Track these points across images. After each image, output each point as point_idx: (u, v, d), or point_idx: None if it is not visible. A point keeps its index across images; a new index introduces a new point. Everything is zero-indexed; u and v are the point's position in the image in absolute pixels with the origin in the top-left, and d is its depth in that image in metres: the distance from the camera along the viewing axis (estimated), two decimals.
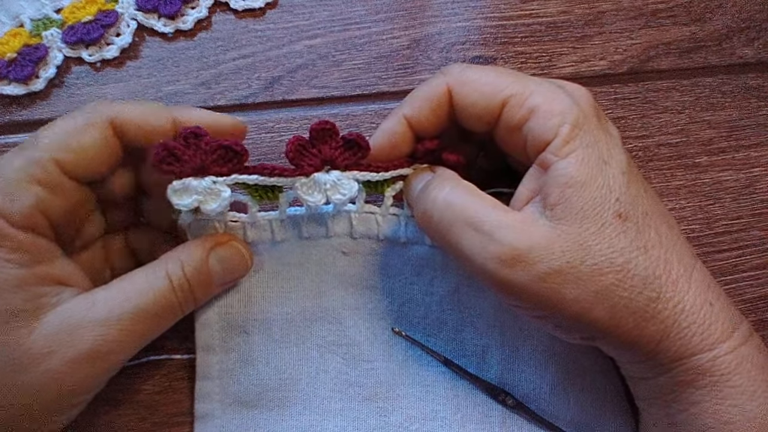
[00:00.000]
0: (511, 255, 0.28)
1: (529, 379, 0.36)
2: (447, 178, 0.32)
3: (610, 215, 0.29)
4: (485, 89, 0.32)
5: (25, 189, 0.29)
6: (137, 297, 0.30)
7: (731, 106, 0.45)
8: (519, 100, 0.31)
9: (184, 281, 0.31)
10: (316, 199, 0.33)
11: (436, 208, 0.31)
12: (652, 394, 0.31)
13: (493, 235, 0.29)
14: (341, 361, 0.36)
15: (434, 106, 0.33)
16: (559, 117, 0.30)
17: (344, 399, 0.36)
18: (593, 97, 0.32)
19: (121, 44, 0.43)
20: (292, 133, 0.42)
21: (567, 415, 0.36)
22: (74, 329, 0.29)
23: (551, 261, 0.28)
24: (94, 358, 0.29)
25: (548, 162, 0.30)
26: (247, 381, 0.35)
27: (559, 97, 0.31)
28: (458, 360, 0.37)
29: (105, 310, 0.30)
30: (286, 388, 0.36)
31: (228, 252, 0.33)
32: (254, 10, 0.44)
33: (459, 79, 0.32)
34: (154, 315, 0.31)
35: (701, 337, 0.29)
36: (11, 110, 0.41)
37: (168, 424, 0.36)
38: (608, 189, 0.29)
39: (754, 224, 0.42)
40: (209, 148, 0.31)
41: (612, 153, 0.30)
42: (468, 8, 0.46)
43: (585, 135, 0.30)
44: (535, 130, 0.30)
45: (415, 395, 0.36)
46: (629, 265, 0.28)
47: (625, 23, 0.46)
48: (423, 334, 0.37)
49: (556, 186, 0.29)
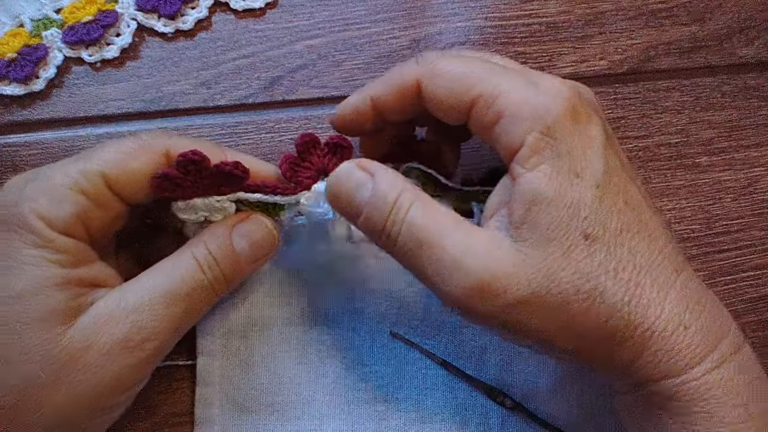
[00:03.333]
0: (476, 286, 0.27)
1: (527, 379, 0.36)
2: (405, 188, 0.29)
3: (578, 236, 0.27)
4: (454, 86, 0.30)
5: (70, 197, 0.29)
6: (166, 281, 0.30)
7: (731, 106, 0.45)
8: (487, 100, 0.29)
9: (211, 259, 0.31)
10: (323, 209, 0.33)
11: (397, 229, 0.28)
12: (628, 408, 0.31)
13: (458, 263, 0.27)
14: (340, 365, 0.36)
15: (401, 94, 0.32)
16: (528, 123, 0.28)
17: (343, 403, 0.36)
18: (576, 90, 0.29)
19: (121, 44, 0.43)
20: (292, 133, 0.42)
21: (566, 415, 0.36)
22: (108, 320, 0.29)
23: (517, 291, 0.27)
24: (131, 347, 0.29)
25: (515, 173, 0.28)
26: (246, 386, 0.35)
27: (530, 99, 0.28)
28: (457, 362, 0.37)
29: (136, 297, 0.30)
30: (286, 393, 0.36)
31: (251, 226, 0.33)
32: (254, 10, 0.44)
33: (430, 71, 0.31)
34: (185, 296, 0.30)
35: (669, 363, 0.27)
36: (11, 110, 0.41)
37: (168, 424, 0.36)
38: (577, 207, 0.27)
39: (754, 224, 0.42)
40: (208, 173, 0.31)
41: (588, 162, 0.28)
42: (468, 8, 0.46)
43: (556, 143, 0.28)
44: (502, 137, 0.29)
45: (414, 398, 0.36)
46: (596, 291, 0.27)
47: (625, 23, 0.46)
48: (421, 337, 0.37)
49: (521, 202, 0.28)
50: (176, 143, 0.31)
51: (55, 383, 0.28)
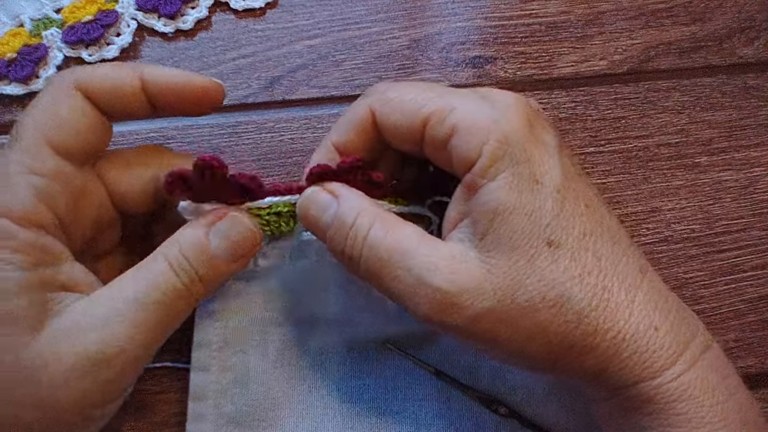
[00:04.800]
0: (441, 300, 0.27)
1: (521, 387, 0.36)
2: (363, 209, 0.29)
3: (541, 243, 0.27)
4: (405, 108, 0.30)
5: (22, 181, 0.27)
6: (136, 287, 0.28)
7: (731, 106, 0.45)
8: (440, 117, 0.29)
9: (183, 261, 0.29)
10: None
11: (358, 250, 0.28)
12: (606, 414, 0.30)
13: (422, 279, 0.27)
14: (334, 378, 0.36)
15: (359, 129, 0.31)
16: (483, 134, 0.27)
17: (337, 416, 0.36)
18: (526, 101, 0.30)
19: (121, 44, 0.43)
20: (292, 133, 0.42)
21: (560, 421, 0.36)
22: (74, 334, 0.27)
23: (483, 302, 0.27)
24: (100, 362, 0.27)
25: (475, 185, 0.28)
26: (241, 401, 0.35)
27: (483, 111, 0.28)
28: (450, 371, 0.36)
29: (105, 307, 0.28)
30: (279, 407, 0.35)
31: (228, 224, 0.30)
32: (254, 10, 0.44)
33: (380, 99, 0.31)
34: (159, 303, 0.28)
35: (643, 366, 0.27)
36: (11, 110, 0.41)
37: (168, 424, 0.36)
38: (538, 214, 0.27)
39: (754, 224, 0.42)
40: (223, 181, 0.30)
41: (546, 168, 0.28)
42: (468, 8, 0.46)
43: (514, 152, 0.27)
44: (458, 149, 0.28)
45: (408, 409, 0.36)
46: (562, 298, 0.27)
47: (625, 23, 0.46)
48: (416, 348, 0.37)
49: (483, 213, 0.27)
50: (81, 73, 0.30)
51: (17, 399, 0.26)
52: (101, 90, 0.30)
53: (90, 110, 0.30)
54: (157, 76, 0.31)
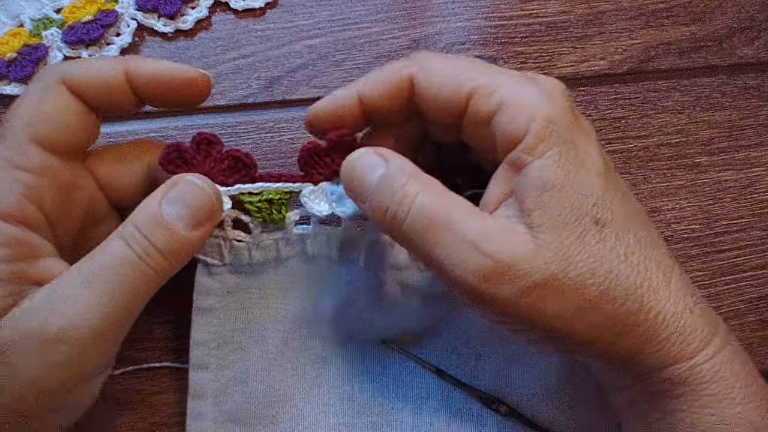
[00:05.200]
0: (494, 269, 0.26)
1: (522, 386, 0.36)
2: (415, 174, 0.29)
3: (589, 221, 0.27)
4: (450, 79, 0.30)
5: (8, 178, 0.28)
6: (91, 265, 0.28)
7: (731, 106, 0.45)
8: (486, 92, 0.29)
9: (136, 233, 0.28)
10: (321, 208, 0.33)
11: (405, 209, 0.28)
12: (628, 402, 0.31)
13: (477, 245, 0.27)
14: (335, 376, 0.36)
15: (391, 90, 0.31)
16: (530, 111, 0.28)
17: (338, 414, 0.36)
18: (567, 89, 0.30)
19: (121, 44, 0.43)
20: (292, 133, 0.42)
21: (561, 419, 0.36)
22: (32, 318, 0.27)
23: (535, 274, 0.27)
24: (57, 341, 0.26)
25: (522, 162, 0.28)
26: (241, 399, 0.35)
27: (530, 91, 0.28)
28: (452, 369, 0.36)
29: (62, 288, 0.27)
30: (280, 405, 0.35)
31: (180, 191, 0.29)
32: (254, 10, 0.44)
33: (423, 67, 0.30)
34: (113, 276, 0.27)
35: (680, 347, 0.28)
36: None
37: (168, 424, 0.36)
38: (585, 192, 0.28)
39: (754, 224, 0.42)
40: (219, 156, 0.31)
41: (588, 152, 0.28)
42: (468, 8, 0.46)
43: (560, 131, 0.28)
44: (503, 126, 0.28)
45: (409, 408, 0.36)
46: (611, 275, 0.27)
47: (625, 23, 0.46)
48: (416, 345, 0.37)
49: (531, 189, 0.27)
50: (66, 68, 0.30)
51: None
52: (86, 84, 0.30)
53: (75, 105, 0.30)
54: (142, 68, 0.30)
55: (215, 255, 0.34)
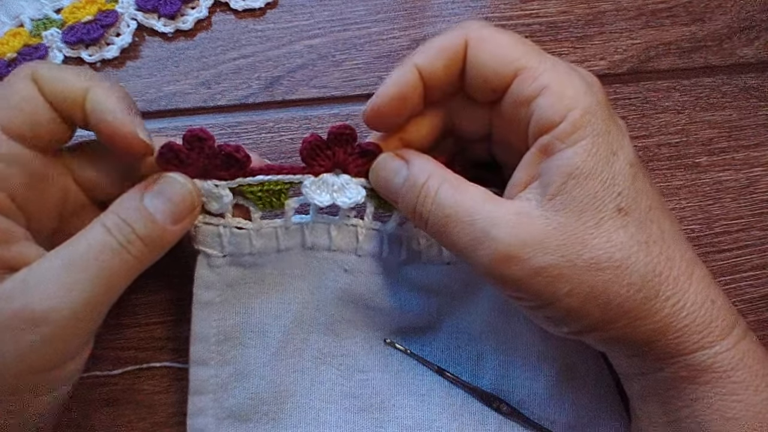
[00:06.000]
0: (504, 252, 0.28)
1: (524, 384, 0.36)
2: (433, 172, 0.31)
3: (611, 209, 0.28)
4: (500, 52, 0.30)
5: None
6: (71, 249, 0.28)
7: (731, 106, 0.45)
8: (532, 73, 0.30)
9: (119, 221, 0.29)
10: (323, 198, 0.33)
11: (427, 209, 0.30)
12: (648, 390, 0.31)
13: (487, 233, 0.28)
14: (336, 372, 0.36)
15: (449, 58, 0.31)
16: (571, 100, 0.29)
17: (339, 410, 0.36)
18: None
19: (121, 44, 0.43)
20: (292, 133, 0.42)
21: (563, 418, 0.36)
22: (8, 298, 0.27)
23: (545, 256, 0.28)
24: (33, 321, 0.27)
25: (554, 148, 0.29)
26: (241, 395, 0.35)
27: (573, 80, 0.30)
28: (454, 367, 0.36)
29: (40, 270, 0.28)
30: (281, 401, 0.35)
31: (162, 185, 0.31)
32: (254, 10, 0.44)
33: (477, 35, 0.31)
34: (93, 260, 0.28)
35: (701, 335, 0.28)
36: None
37: (168, 424, 0.36)
38: (612, 182, 0.28)
39: (754, 224, 0.42)
40: (212, 152, 0.32)
41: (622, 144, 0.29)
42: (468, 8, 0.46)
43: (596, 123, 0.29)
44: (543, 109, 0.29)
45: (411, 405, 0.36)
46: (628, 261, 0.28)
47: (625, 23, 0.46)
48: (418, 343, 0.37)
49: (558, 175, 0.28)
50: (37, 65, 0.30)
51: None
52: (51, 89, 0.29)
53: (42, 102, 0.29)
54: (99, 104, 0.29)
55: (215, 245, 0.34)
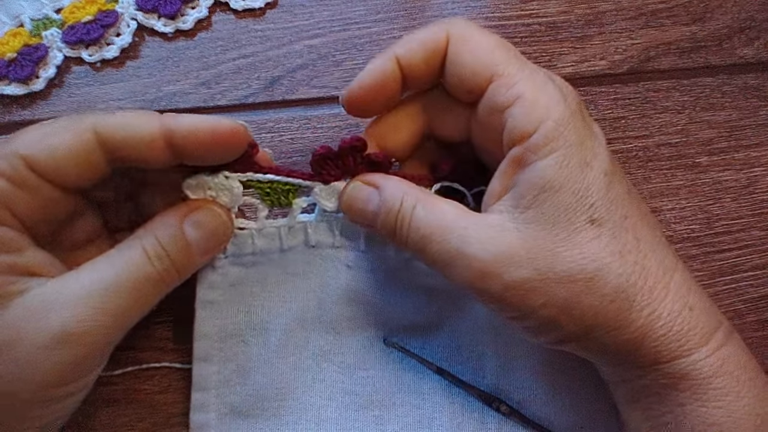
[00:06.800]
0: (479, 269, 0.28)
1: (524, 384, 0.36)
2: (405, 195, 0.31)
3: (583, 221, 0.28)
4: (479, 54, 0.30)
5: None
6: (110, 271, 0.28)
7: (731, 106, 0.45)
8: (507, 81, 0.29)
9: (160, 249, 0.29)
10: (333, 205, 0.34)
11: (404, 233, 0.30)
12: (631, 396, 0.31)
13: (462, 251, 0.28)
14: (337, 369, 0.36)
15: (429, 52, 0.31)
16: (544, 111, 0.28)
17: (340, 407, 0.36)
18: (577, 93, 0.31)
19: (121, 44, 0.43)
20: (292, 133, 0.42)
21: (562, 419, 0.36)
22: (41, 313, 0.27)
23: (518, 270, 0.28)
24: (66, 341, 0.27)
25: (526, 160, 0.28)
26: (243, 391, 0.35)
27: (548, 90, 0.29)
28: (454, 367, 0.36)
29: (76, 288, 0.28)
30: (282, 398, 0.36)
31: (203, 216, 0.31)
32: (254, 10, 0.44)
33: (460, 33, 0.30)
34: (131, 288, 0.28)
35: (679, 343, 0.28)
36: (11, 110, 0.41)
37: (168, 424, 0.36)
38: (585, 193, 0.28)
39: (754, 224, 0.42)
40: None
41: (596, 153, 0.29)
42: (468, 8, 0.46)
43: (569, 134, 0.28)
44: (516, 119, 0.29)
45: (411, 403, 0.36)
46: (601, 272, 0.28)
47: (625, 23, 0.46)
48: (419, 342, 0.37)
49: (530, 188, 0.28)
50: (103, 117, 0.29)
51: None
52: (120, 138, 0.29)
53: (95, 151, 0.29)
54: (178, 125, 0.29)
55: None
